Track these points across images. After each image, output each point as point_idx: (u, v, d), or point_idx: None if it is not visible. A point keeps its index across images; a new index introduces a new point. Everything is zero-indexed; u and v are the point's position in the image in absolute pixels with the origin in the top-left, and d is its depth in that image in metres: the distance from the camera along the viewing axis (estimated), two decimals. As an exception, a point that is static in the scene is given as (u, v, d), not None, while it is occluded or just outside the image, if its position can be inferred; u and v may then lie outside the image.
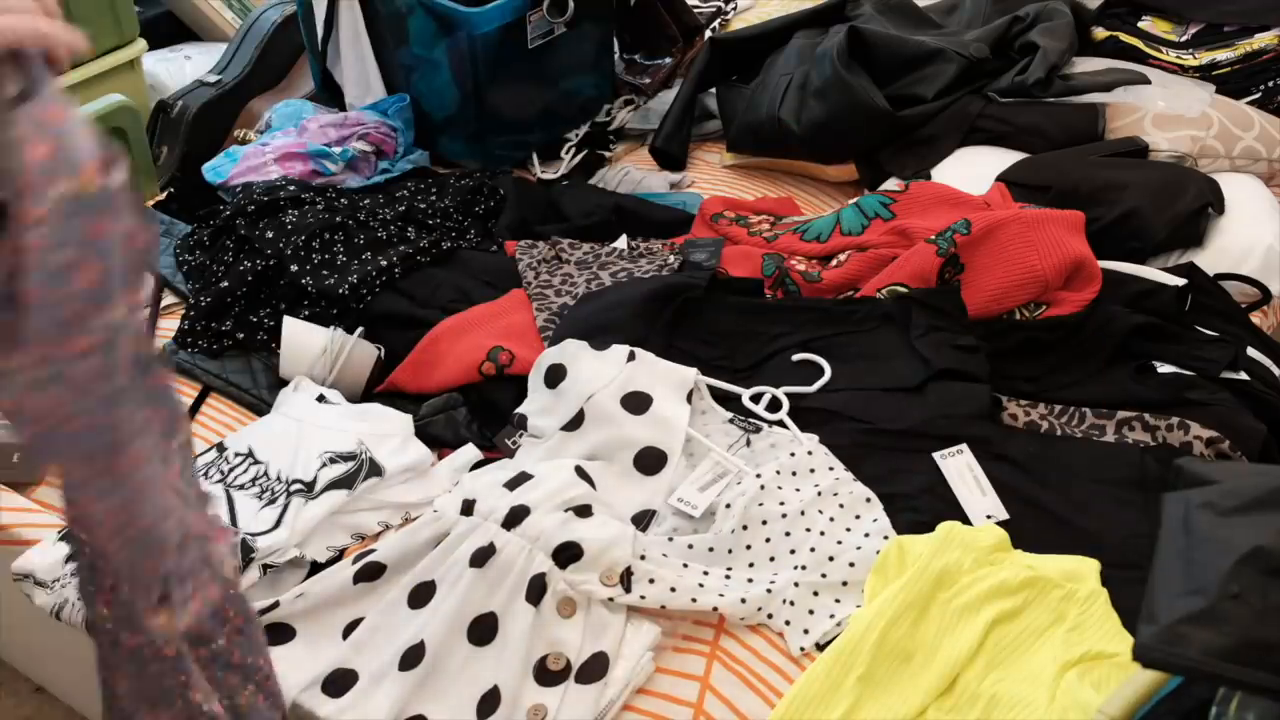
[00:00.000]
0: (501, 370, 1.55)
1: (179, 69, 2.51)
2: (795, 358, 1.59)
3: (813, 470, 1.39)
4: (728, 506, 1.35)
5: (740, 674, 1.21)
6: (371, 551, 1.31)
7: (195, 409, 1.59)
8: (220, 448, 1.48)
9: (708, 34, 2.44)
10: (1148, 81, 2.01)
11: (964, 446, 1.42)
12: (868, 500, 1.36)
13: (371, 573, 1.29)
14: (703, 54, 2.26)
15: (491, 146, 2.17)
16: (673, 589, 1.25)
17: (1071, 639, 1.18)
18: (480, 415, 1.54)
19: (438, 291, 1.74)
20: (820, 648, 1.22)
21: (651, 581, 1.25)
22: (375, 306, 1.71)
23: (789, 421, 1.48)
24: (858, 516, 1.35)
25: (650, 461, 1.41)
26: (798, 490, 1.37)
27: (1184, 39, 2.15)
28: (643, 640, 1.22)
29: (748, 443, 1.45)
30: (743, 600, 1.25)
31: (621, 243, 1.87)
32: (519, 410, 1.51)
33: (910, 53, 2.08)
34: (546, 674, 1.20)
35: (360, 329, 1.65)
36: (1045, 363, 1.58)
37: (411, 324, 1.66)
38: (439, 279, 1.76)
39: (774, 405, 1.51)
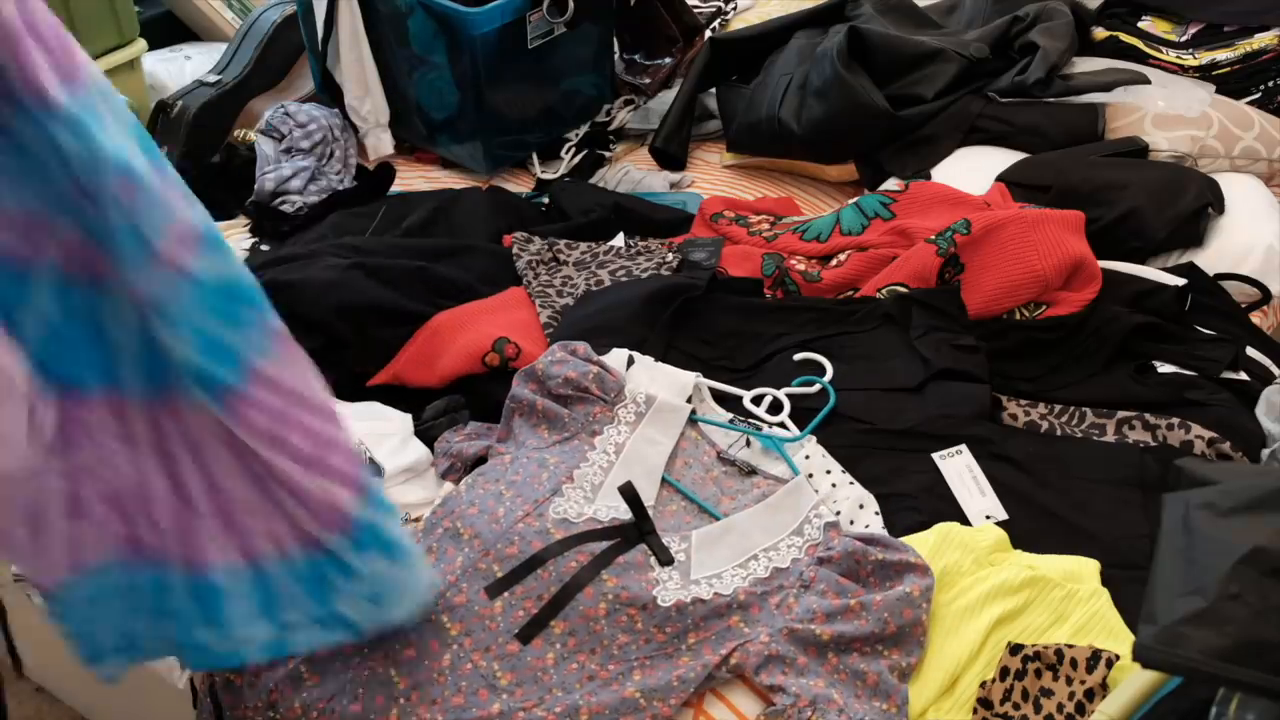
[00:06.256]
0: (506, 363, 1.54)
1: (179, 69, 2.51)
2: (797, 357, 1.59)
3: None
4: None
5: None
6: None
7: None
8: (220, 448, 1.48)
9: (708, 34, 2.44)
10: (1148, 81, 2.01)
11: (963, 447, 1.42)
12: (861, 506, 1.36)
13: None
14: (703, 54, 2.26)
15: (491, 146, 2.17)
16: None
17: (1074, 639, 1.18)
18: (482, 416, 1.54)
19: (431, 285, 1.72)
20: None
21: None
22: (363, 298, 1.65)
23: (790, 423, 1.48)
24: (852, 522, 1.35)
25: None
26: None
27: (1184, 39, 2.15)
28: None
29: (747, 443, 1.45)
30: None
31: (618, 241, 1.87)
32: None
33: (910, 53, 2.08)
34: None
35: None
36: (1045, 363, 1.58)
37: (402, 318, 1.64)
38: (435, 275, 1.75)
39: (775, 407, 1.51)
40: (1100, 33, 2.18)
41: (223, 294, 0.92)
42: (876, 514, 1.35)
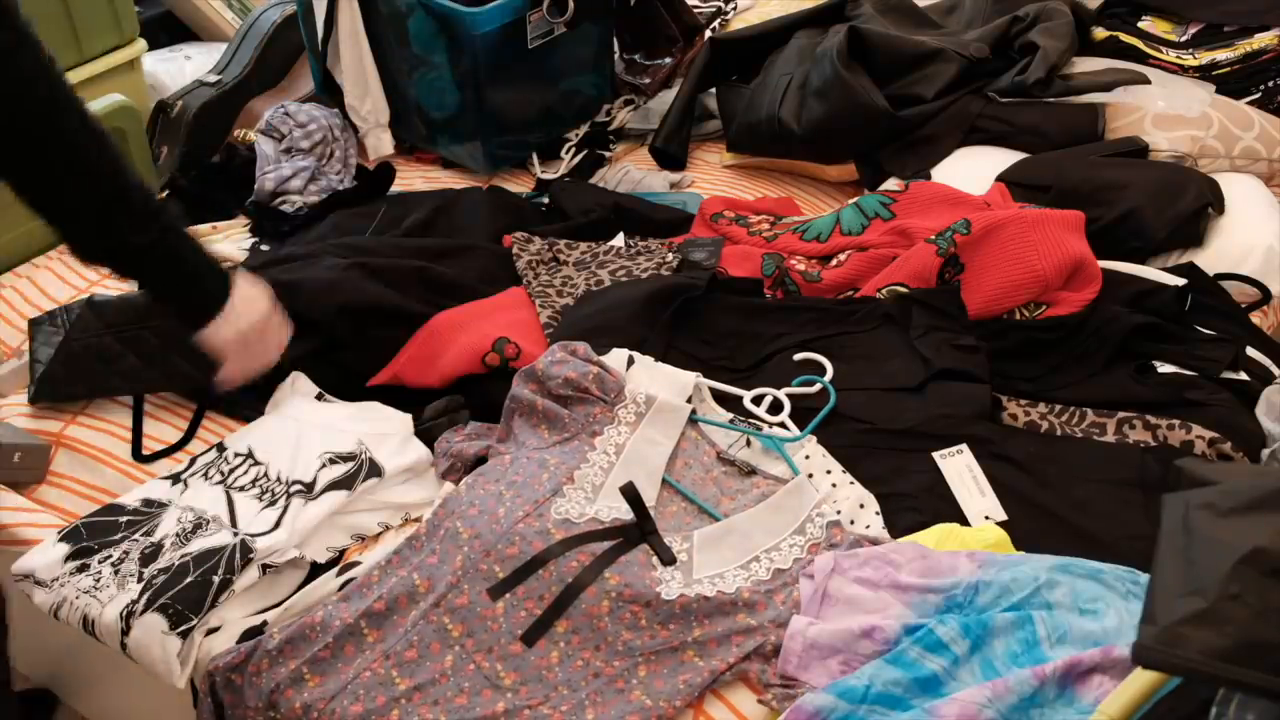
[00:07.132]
0: (506, 362, 1.55)
1: (179, 69, 2.51)
2: (797, 357, 1.59)
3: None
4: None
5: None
6: (356, 564, 1.32)
7: (201, 413, 1.59)
8: (220, 448, 1.48)
9: (708, 34, 2.44)
10: (1148, 81, 2.01)
11: (964, 446, 1.42)
12: (861, 506, 1.36)
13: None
14: (703, 54, 2.26)
15: (491, 146, 2.17)
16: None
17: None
18: (482, 416, 1.54)
19: (431, 285, 1.72)
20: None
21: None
22: (363, 298, 1.64)
23: (790, 423, 1.48)
24: (852, 521, 1.35)
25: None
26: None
27: (1184, 39, 2.15)
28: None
29: (748, 443, 1.45)
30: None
31: (618, 241, 1.87)
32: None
33: (910, 53, 2.09)
34: None
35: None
36: (1045, 363, 1.58)
37: (402, 318, 1.63)
38: (435, 275, 1.74)
39: (775, 406, 1.51)
40: (1100, 33, 2.18)
41: None
42: (877, 514, 1.35)
